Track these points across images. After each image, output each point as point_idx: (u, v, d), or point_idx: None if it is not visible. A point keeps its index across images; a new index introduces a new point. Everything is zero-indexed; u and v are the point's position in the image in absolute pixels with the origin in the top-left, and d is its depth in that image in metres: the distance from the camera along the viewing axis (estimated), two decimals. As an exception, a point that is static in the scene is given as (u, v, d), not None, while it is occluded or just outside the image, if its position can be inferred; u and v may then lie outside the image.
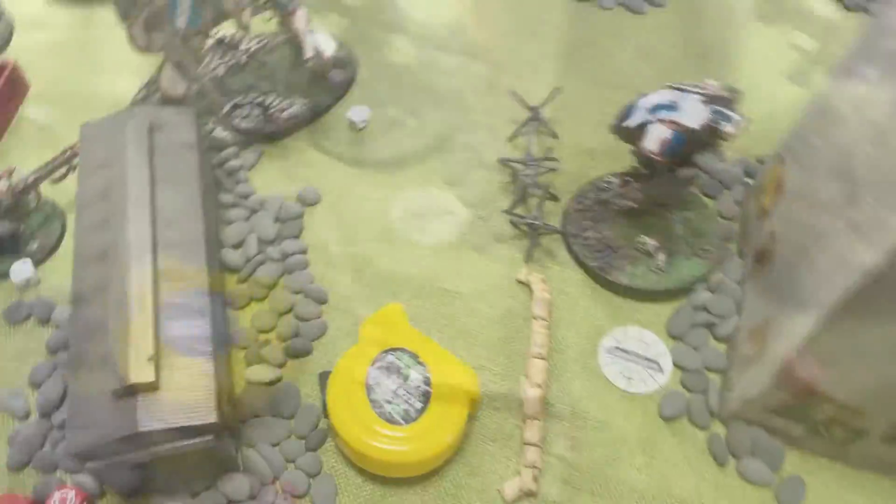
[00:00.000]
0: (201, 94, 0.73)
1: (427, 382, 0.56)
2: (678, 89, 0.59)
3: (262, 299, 0.66)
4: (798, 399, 0.56)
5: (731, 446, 0.59)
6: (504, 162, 0.74)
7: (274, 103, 0.76)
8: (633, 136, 0.60)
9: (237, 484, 0.54)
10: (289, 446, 0.58)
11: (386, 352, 0.58)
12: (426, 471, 0.57)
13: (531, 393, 0.59)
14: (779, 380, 0.55)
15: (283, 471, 0.57)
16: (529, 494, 0.56)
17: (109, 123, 0.63)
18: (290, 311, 0.65)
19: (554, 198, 0.72)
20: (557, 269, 0.69)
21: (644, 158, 0.61)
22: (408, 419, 0.55)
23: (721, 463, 0.59)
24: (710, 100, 0.57)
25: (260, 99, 0.76)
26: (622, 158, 0.66)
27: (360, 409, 0.55)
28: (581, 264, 0.69)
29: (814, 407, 0.56)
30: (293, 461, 0.58)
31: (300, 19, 0.73)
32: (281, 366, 0.62)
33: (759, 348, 0.59)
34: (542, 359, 0.62)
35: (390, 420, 0.55)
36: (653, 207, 0.66)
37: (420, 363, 0.57)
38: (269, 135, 0.76)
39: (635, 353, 0.64)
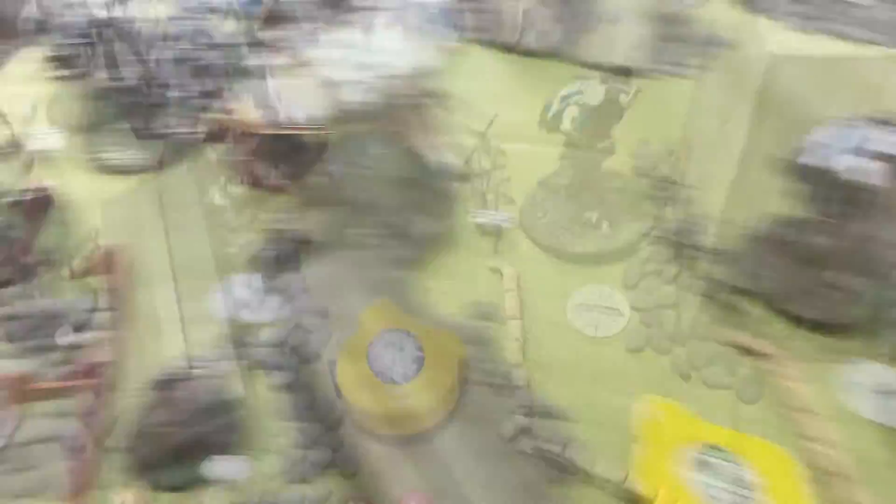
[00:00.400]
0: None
1: (419, 349, 0.66)
2: (582, 78, 0.72)
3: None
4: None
5: (692, 362, 0.68)
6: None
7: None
8: (555, 124, 0.73)
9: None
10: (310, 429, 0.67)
11: (382, 332, 0.68)
12: (431, 423, 0.65)
13: (513, 345, 0.69)
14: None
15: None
16: (525, 432, 0.64)
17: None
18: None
19: (510, 201, 0.84)
20: (521, 254, 0.80)
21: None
22: (406, 380, 0.64)
23: (685, 377, 0.67)
24: (606, 79, 0.70)
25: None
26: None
27: (367, 379, 0.65)
28: (540, 245, 0.80)
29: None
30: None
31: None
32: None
33: None
34: (517, 319, 0.72)
35: (393, 383, 0.64)
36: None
37: (410, 335, 0.67)
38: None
39: (598, 306, 0.73)
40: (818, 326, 0.69)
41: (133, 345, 0.72)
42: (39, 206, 0.81)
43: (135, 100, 0.88)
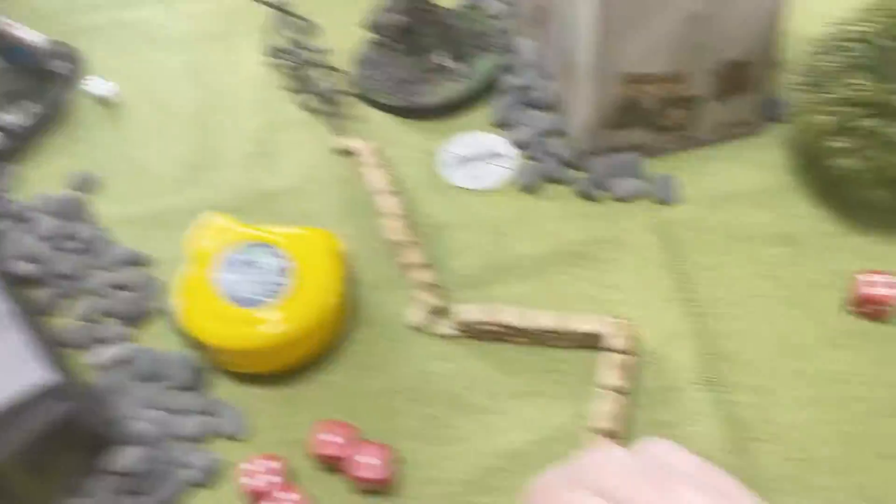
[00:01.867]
0: None
1: (284, 258, 0.55)
2: None
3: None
4: (621, 100, 0.58)
5: (597, 180, 0.62)
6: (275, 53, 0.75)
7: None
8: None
9: (130, 455, 0.48)
10: (172, 399, 0.53)
11: (223, 253, 0.56)
12: (319, 341, 0.53)
13: (391, 223, 0.60)
14: (596, 87, 0.58)
15: (175, 425, 0.51)
16: (438, 312, 0.54)
17: None
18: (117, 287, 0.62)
19: (335, 69, 0.72)
20: (366, 124, 0.68)
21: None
22: (277, 296, 0.51)
23: (595, 198, 0.62)
24: None
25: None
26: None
27: (221, 313, 0.51)
28: (387, 108, 0.68)
29: (641, 99, 0.59)
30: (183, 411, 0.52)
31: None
32: (123, 339, 0.59)
33: (569, 82, 0.62)
34: (389, 193, 0.62)
35: (258, 306, 0.51)
36: (419, 22, 0.68)
37: (268, 245, 0.56)
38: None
39: (474, 155, 0.66)
40: (426, 112, 0.67)
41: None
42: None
43: None
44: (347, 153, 0.67)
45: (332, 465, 0.49)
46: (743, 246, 0.56)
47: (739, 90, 0.60)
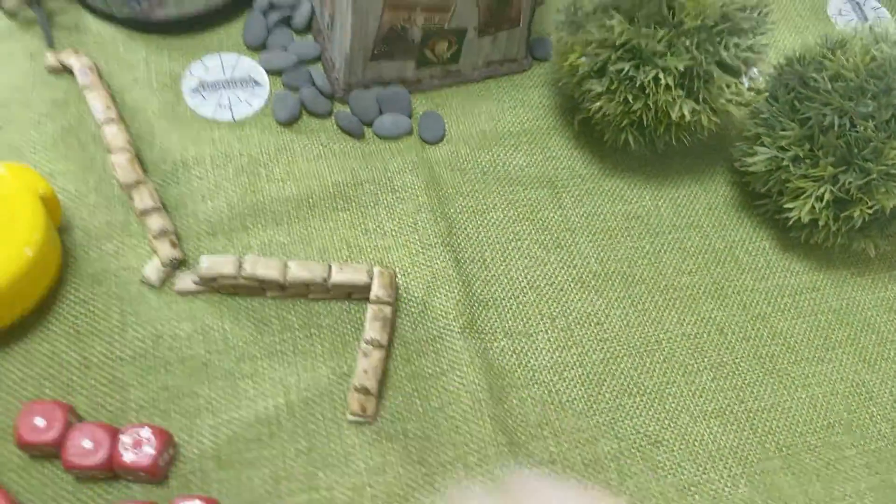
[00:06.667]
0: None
1: None
2: None
3: None
4: (385, 28, 0.53)
5: (359, 114, 0.56)
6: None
7: None
8: None
9: None
10: None
11: None
12: (14, 303, 0.43)
13: (119, 159, 0.49)
14: (358, 10, 0.51)
15: None
16: (177, 262, 0.48)
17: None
18: None
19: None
20: (89, 36, 0.57)
21: None
22: None
23: (358, 135, 0.55)
24: None
25: None
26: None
27: None
28: (112, 19, 0.58)
29: (405, 28, 0.54)
30: None
31: None
32: None
33: (332, 4, 0.55)
34: (116, 122, 0.51)
35: None
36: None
37: None
38: None
39: (223, 81, 0.57)
40: (165, 27, 0.58)
41: None
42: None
43: None
44: (65, 71, 0.56)
45: (47, 454, 0.41)
46: (504, 188, 0.55)
47: (505, 25, 0.58)
